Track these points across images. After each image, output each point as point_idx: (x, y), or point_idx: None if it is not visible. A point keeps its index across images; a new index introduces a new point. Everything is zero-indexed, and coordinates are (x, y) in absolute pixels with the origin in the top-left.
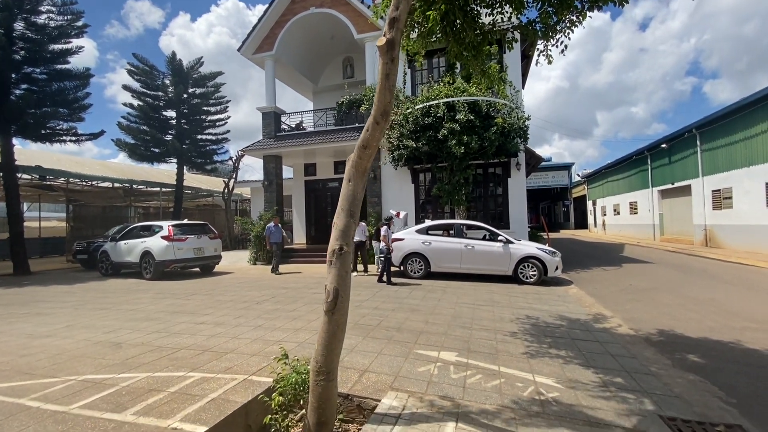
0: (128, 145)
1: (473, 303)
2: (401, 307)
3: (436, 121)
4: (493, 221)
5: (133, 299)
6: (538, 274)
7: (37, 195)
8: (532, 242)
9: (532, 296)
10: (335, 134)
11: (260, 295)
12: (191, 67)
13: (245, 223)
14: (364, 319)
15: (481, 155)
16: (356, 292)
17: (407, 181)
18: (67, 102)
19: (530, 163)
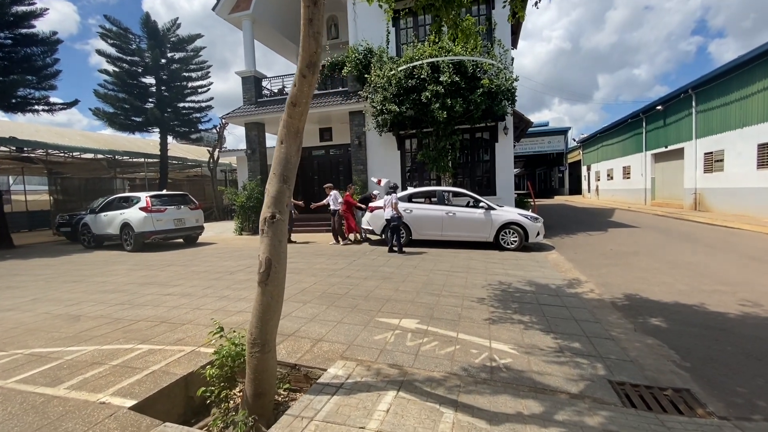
0: (107, 114)
1: (448, 270)
2: (374, 275)
3: (419, 83)
4: (480, 188)
5: (108, 271)
6: (519, 240)
7: (20, 168)
8: (515, 209)
9: (510, 262)
10: (318, 99)
11: (236, 266)
12: (167, 29)
13: (230, 193)
14: (333, 288)
15: (467, 119)
16: (332, 261)
17: (393, 147)
18: (34, 69)
19: (519, 128)
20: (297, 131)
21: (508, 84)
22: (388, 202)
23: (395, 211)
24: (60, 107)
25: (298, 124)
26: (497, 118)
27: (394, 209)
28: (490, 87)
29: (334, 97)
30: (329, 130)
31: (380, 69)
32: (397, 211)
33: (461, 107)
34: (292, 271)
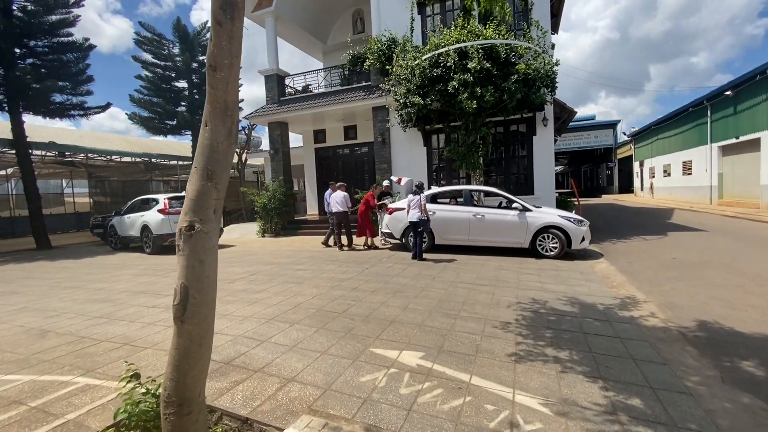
0: (142, 118)
1: (473, 282)
2: (384, 287)
3: (445, 72)
4: (515, 187)
5: (113, 276)
6: (560, 247)
7: (68, 172)
8: (555, 210)
9: (549, 273)
10: (340, 95)
11: (240, 272)
12: (197, 32)
13: (251, 194)
14: (332, 303)
15: (500, 110)
16: (342, 269)
17: (418, 144)
18: (69, 75)
19: (560, 118)
20: (225, 107)
21: (547, 68)
22: (414, 203)
23: (423, 213)
24: (94, 111)
25: (225, 96)
26: (535, 107)
27: (422, 211)
28: (526, 73)
29: (356, 92)
30: (354, 128)
31: (403, 59)
32: (425, 214)
33: (493, 96)
34: (295, 280)
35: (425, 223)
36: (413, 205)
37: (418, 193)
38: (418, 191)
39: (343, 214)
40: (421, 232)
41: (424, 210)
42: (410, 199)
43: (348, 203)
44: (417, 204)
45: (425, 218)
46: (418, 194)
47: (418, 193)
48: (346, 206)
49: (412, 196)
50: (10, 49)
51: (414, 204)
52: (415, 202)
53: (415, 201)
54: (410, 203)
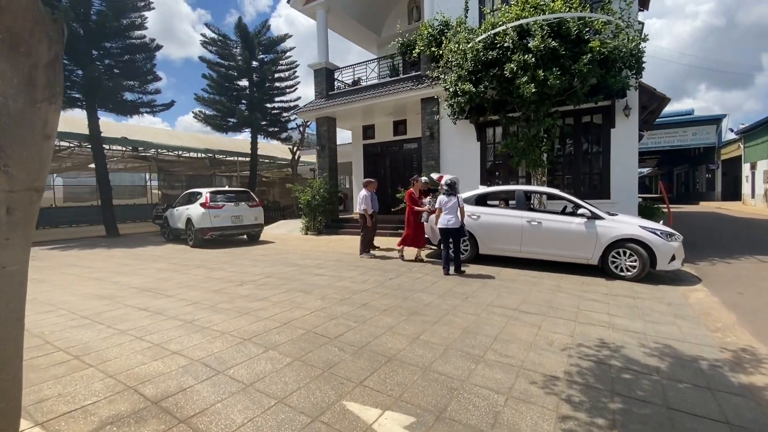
0: (206, 116)
1: (515, 308)
2: (400, 306)
3: (502, 54)
4: (587, 190)
5: (140, 269)
6: (640, 266)
7: (147, 166)
8: (636, 218)
9: (622, 301)
10: (387, 87)
11: (258, 273)
12: (258, 32)
13: (297, 190)
14: (329, 324)
15: (568, 97)
16: (363, 278)
17: (471, 138)
18: (140, 74)
19: (648, 107)
20: (11, 36)
21: (631, 46)
22: (450, 205)
23: (459, 218)
24: (160, 108)
25: (5, 19)
26: (614, 94)
27: (458, 216)
28: (602, 51)
29: (404, 83)
30: (404, 123)
31: (455, 42)
32: (461, 218)
33: (558, 80)
34: (305, 288)
35: (460, 231)
36: (446, 209)
37: (451, 193)
38: (450, 191)
39: (361, 217)
40: (457, 243)
41: (462, 214)
42: (441, 201)
43: (363, 204)
44: (452, 207)
45: (460, 225)
46: (451, 195)
47: (451, 194)
48: (361, 207)
49: (444, 198)
50: (88, 51)
51: (448, 207)
52: (450, 205)
53: (451, 204)
54: (441, 206)
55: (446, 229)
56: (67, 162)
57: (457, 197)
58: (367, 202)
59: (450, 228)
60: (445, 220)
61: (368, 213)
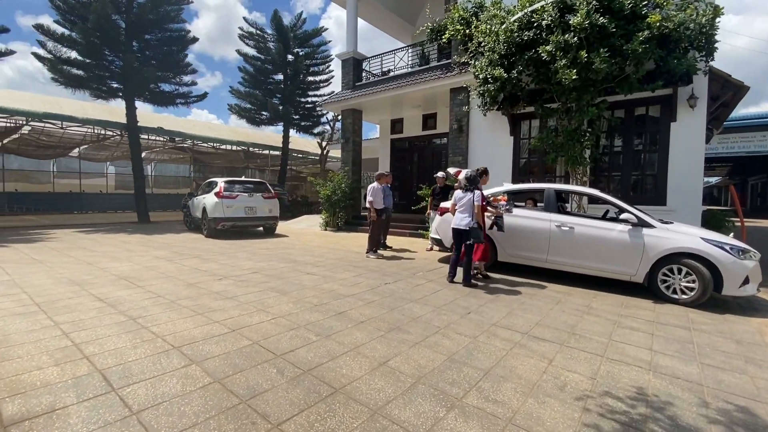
0: (240, 109)
1: (525, 331)
2: (383, 318)
3: (539, 34)
4: (637, 194)
5: (138, 255)
6: (700, 288)
7: (189, 157)
8: (697, 229)
9: (673, 334)
10: (414, 77)
11: (245, 269)
12: (293, 25)
13: (317, 184)
14: (282, 335)
15: (619, 84)
16: (356, 281)
17: (503, 132)
18: (178, 66)
19: (719, 98)
20: None
21: (702, 20)
22: (464, 202)
23: (474, 219)
24: (194, 99)
25: None
26: (676, 80)
27: (474, 216)
28: (663, 27)
29: (432, 72)
30: (434, 117)
31: (487, 23)
32: (480, 219)
33: (606, 63)
34: (285, 288)
35: (476, 233)
36: (461, 207)
37: (468, 189)
38: (469, 186)
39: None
40: (470, 247)
41: (479, 214)
42: (457, 196)
43: (370, 196)
44: (467, 205)
45: (475, 226)
46: (468, 191)
47: (468, 190)
48: (367, 201)
49: (459, 193)
50: (129, 42)
51: (463, 204)
52: (464, 203)
53: (465, 201)
54: (456, 202)
55: (458, 230)
56: (116, 151)
57: (472, 194)
58: (375, 196)
59: (462, 229)
60: (458, 219)
61: (374, 207)
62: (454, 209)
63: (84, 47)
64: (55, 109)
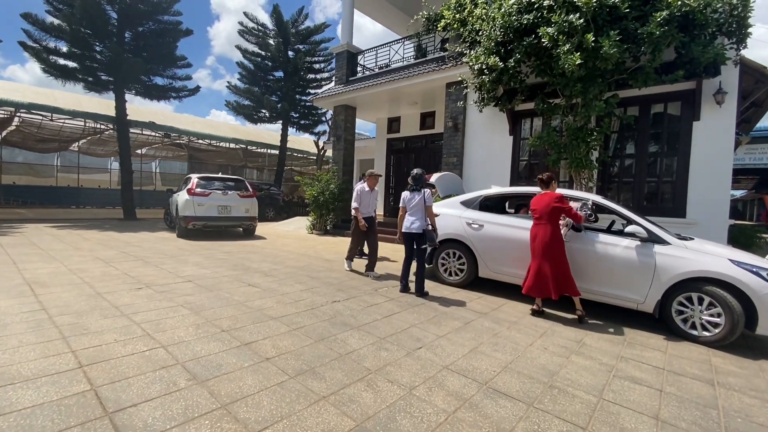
0: (237, 106)
1: (485, 381)
2: (299, 353)
3: (539, 18)
4: (652, 203)
5: (83, 254)
6: (728, 325)
7: (186, 155)
8: (723, 247)
9: (690, 389)
10: (407, 71)
11: (186, 274)
12: (294, 20)
13: (305, 183)
14: (117, 386)
15: (632, 76)
16: (298, 297)
17: (502, 132)
18: (171, 59)
19: (750, 95)
20: None
21: (733, 0)
22: (414, 204)
23: (427, 220)
24: (186, 94)
25: None
26: (700, 72)
27: (425, 217)
28: (685, 6)
29: (427, 65)
30: (432, 115)
31: (483, 8)
32: (430, 221)
33: (617, 47)
34: (202, 305)
35: (431, 236)
36: (411, 209)
37: (415, 188)
38: (416, 186)
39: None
40: (423, 252)
41: (430, 215)
42: (406, 198)
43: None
44: (417, 207)
45: (429, 228)
46: (415, 190)
47: (415, 189)
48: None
49: (407, 194)
50: (120, 33)
51: (413, 206)
52: (414, 204)
53: (415, 202)
54: (404, 204)
55: (409, 234)
56: (115, 146)
57: (423, 193)
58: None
59: (413, 233)
60: (409, 223)
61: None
62: (405, 214)
63: (71, 36)
64: (50, 101)
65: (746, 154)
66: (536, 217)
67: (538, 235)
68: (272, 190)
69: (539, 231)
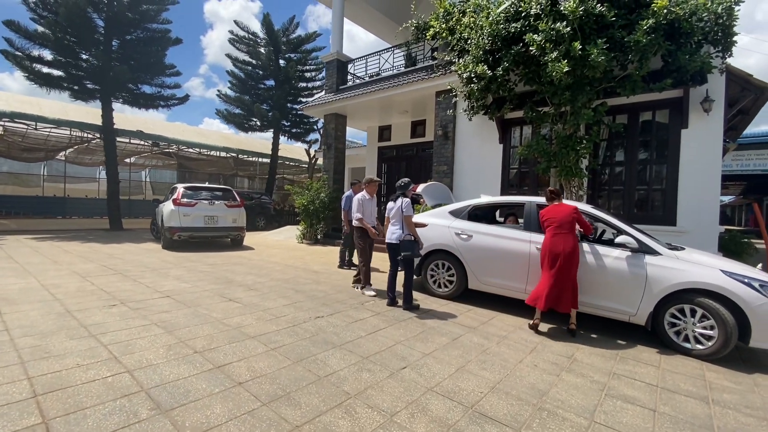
0: (228, 115)
1: (471, 404)
2: (275, 376)
3: (527, 26)
4: (642, 212)
5: (61, 268)
6: (722, 338)
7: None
8: (715, 257)
9: (683, 407)
10: (397, 79)
11: (164, 289)
12: (285, 29)
13: (295, 192)
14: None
15: (621, 84)
16: (279, 312)
17: (492, 140)
18: (161, 68)
19: (737, 103)
20: None
21: (718, 9)
22: (393, 213)
23: (406, 231)
24: (174, 103)
25: None
26: (687, 80)
27: (409, 226)
28: (670, 14)
29: (417, 73)
30: (423, 124)
31: (472, 17)
32: (410, 230)
33: (604, 55)
34: (177, 323)
35: (409, 246)
36: (392, 219)
37: (399, 197)
38: (399, 194)
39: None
40: (405, 263)
41: (410, 225)
42: (389, 207)
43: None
44: (396, 216)
45: (409, 238)
46: (399, 199)
47: (399, 198)
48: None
49: (390, 204)
50: (107, 41)
51: (393, 216)
52: (393, 213)
53: (394, 211)
54: (389, 213)
55: (390, 244)
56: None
57: (400, 201)
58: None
59: (394, 243)
60: (390, 233)
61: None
62: (388, 222)
63: (55, 44)
64: (35, 110)
65: (733, 161)
66: (555, 227)
67: (560, 245)
68: (263, 199)
69: (561, 241)
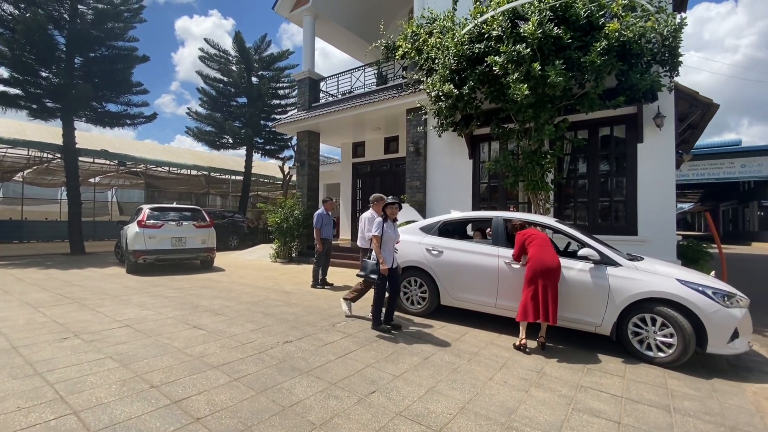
0: (198, 132)
1: (438, 428)
2: (236, 409)
3: (490, 47)
4: (605, 222)
5: (2, 302)
6: (681, 345)
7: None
8: (673, 266)
9: (645, 418)
10: (368, 97)
11: (124, 318)
12: (258, 47)
13: (268, 210)
14: None
15: (579, 101)
16: (246, 338)
17: (462, 156)
18: (126, 86)
19: (688, 118)
20: None
21: (664, 31)
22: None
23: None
24: (141, 121)
25: None
26: (640, 97)
27: (374, 246)
28: (621, 37)
29: (388, 92)
30: (396, 140)
31: (438, 38)
32: (377, 250)
33: (562, 76)
34: (133, 355)
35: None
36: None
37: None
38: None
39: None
40: (382, 282)
41: (375, 245)
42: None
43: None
44: (363, 228)
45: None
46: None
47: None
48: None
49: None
50: (69, 59)
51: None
52: (362, 225)
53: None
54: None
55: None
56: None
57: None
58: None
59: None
60: None
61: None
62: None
63: (13, 62)
64: None
65: (690, 171)
66: (540, 241)
67: (549, 258)
68: (236, 218)
69: (548, 254)
